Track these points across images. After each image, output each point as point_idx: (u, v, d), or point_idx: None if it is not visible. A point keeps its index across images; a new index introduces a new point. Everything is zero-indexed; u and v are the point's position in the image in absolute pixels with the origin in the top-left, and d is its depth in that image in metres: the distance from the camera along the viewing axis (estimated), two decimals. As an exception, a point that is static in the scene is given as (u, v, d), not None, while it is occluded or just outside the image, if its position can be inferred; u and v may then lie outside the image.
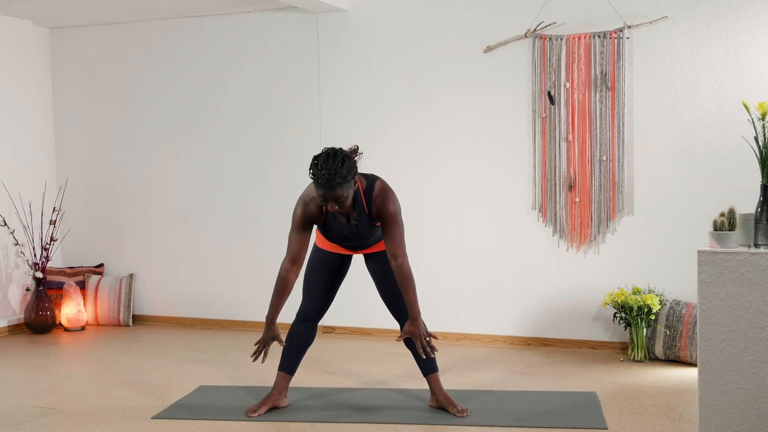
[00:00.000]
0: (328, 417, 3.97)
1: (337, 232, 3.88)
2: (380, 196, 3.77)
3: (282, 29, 5.94)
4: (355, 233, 3.85)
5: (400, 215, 3.80)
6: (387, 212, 3.75)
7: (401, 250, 3.77)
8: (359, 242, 3.94)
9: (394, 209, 3.77)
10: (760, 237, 3.13)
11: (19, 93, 6.37)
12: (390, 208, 3.75)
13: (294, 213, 3.84)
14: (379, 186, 3.81)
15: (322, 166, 3.58)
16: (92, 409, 4.17)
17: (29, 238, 6.31)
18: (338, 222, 3.84)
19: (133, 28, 6.38)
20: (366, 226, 3.83)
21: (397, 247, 3.76)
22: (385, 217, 3.76)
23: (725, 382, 3.11)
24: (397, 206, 3.79)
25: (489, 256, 5.49)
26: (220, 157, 6.18)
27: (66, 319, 6.21)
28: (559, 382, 4.53)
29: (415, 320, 3.79)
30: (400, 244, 3.77)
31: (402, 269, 3.76)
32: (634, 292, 4.94)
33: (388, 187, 3.84)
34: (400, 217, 3.80)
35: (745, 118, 4.36)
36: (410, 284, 3.77)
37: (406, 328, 3.82)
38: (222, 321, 6.23)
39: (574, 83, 5.16)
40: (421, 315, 3.83)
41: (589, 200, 5.19)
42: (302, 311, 4.10)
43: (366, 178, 3.84)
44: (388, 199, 3.77)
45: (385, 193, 3.79)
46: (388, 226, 3.76)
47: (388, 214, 3.75)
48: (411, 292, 3.78)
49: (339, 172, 3.55)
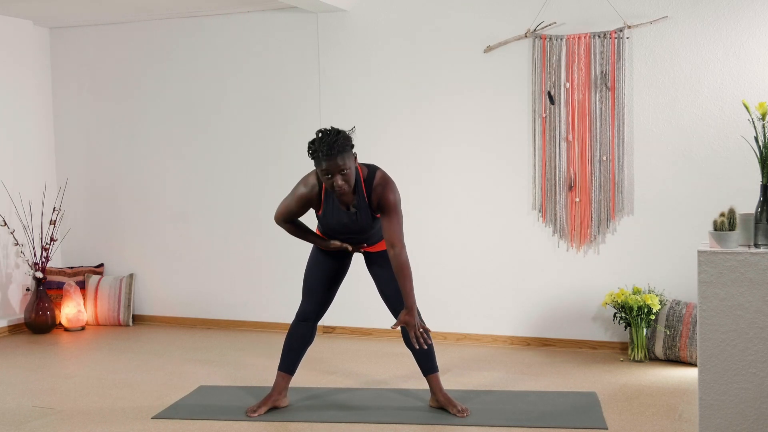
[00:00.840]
0: (328, 417, 3.97)
1: (337, 220, 3.88)
2: (380, 185, 3.80)
3: (282, 29, 5.94)
4: (354, 222, 3.86)
5: (400, 206, 3.82)
6: (387, 201, 3.77)
7: (399, 240, 3.77)
8: (358, 234, 3.94)
9: (394, 199, 3.79)
10: (760, 237, 3.13)
11: (19, 93, 6.37)
12: (390, 198, 3.77)
13: (295, 188, 3.91)
14: (380, 175, 3.83)
15: (319, 140, 3.65)
16: (92, 409, 4.17)
17: (29, 238, 6.31)
18: (337, 209, 3.85)
19: (133, 28, 6.38)
20: (366, 216, 3.84)
21: (395, 237, 3.76)
22: (384, 206, 3.78)
23: (725, 382, 3.11)
24: (396, 196, 3.81)
25: (489, 256, 5.49)
26: (220, 157, 6.19)
27: (66, 319, 6.21)
28: (559, 382, 4.53)
29: (410, 310, 3.79)
30: (398, 233, 3.77)
31: (399, 259, 3.76)
32: (634, 292, 4.94)
33: (389, 177, 3.86)
34: (399, 207, 3.81)
35: (745, 118, 4.36)
36: (407, 274, 3.77)
37: (401, 317, 3.81)
38: (222, 321, 6.23)
39: (574, 83, 5.16)
40: (416, 306, 3.83)
41: (589, 200, 5.19)
42: (302, 311, 4.10)
43: (367, 167, 3.87)
44: (388, 188, 3.79)
45: (385, 183, 3.81)
46: (387, 215, 3.77)
47: (387, 203, 3.77)
48: (408, 282, 3.77)
49: (336, 140, 3.63)
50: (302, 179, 3.92)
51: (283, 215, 3.98)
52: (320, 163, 3.66)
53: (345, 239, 3.98)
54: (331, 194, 3.84)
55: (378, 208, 3.83)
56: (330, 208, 3.86)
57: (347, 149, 3.66)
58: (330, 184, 3.69)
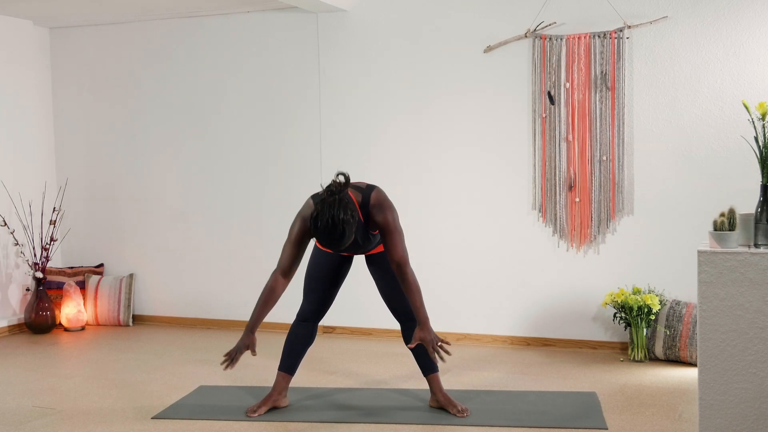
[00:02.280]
0: (328, 417, 3.97)
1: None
2: (376, 207, 3.74)
3: (282, 29, 5.94)
4: (353, 245, 3.81)
5: (398, 223, 3.77)
6: (386, 223, 3.73)
7: (404, 258, 3.75)
8: (358, 252, 3.94)
9: (393, 218, 3.74)
10: (760, 237, 3.13)
11: (19, 93, 6.37)
12: (389, 219, 3.73)
13: (291, 227, 3.79)
14: (374, 197, 3.76)
15: (325, 238, 3.55)
16: (92, 409, 4.17)
17: (29, 238, 6.31)
18: None
19: (133, 28, 6.38)
20: (364, 237, 3.81)
21: (399, 255, 3.74)
22: (384, 227, 3.73)
23: (725, 382, 3.11)
24: (395, 215, 3.76)
25: (489, 256, 5.49)
26: (220, 157, 6.19)
27: (66, 319, 6.21)
28: (559, 382, 4.53)
29: (424, 325, 3.77)
30: (401, 251, 3.74)
31: (407, 277, 3.75)
32: (634, 292, 4.94)
33: (383, 195, 3.80)
34: (398, 224, 3.76)
35: (745, 118, 4.36)
36: (416, 290, 3.75)
37: (417, 334, 3.78)
38: (222, 321, 6.23)
39: (574, 83, 5.16)
40: (429, 320, 3.81)
41: (589, 200, 5.19)
42: (302, 311, 4.10)
43: (360, 192, 3.78)
44: (385, 209, 3.73)
45: (380, 204, 3.74)
46: (388, 235, 3.73)
47: (387, 224, 3.73)
48: (417, 298, 3.76)
49: (342, 240, 3.54)
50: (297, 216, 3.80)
51: (286, 264, 3.80)
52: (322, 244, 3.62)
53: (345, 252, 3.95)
54: None
55: (377, 228, 3.79)
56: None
57: (351, 235, 3.56)
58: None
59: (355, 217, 3.57)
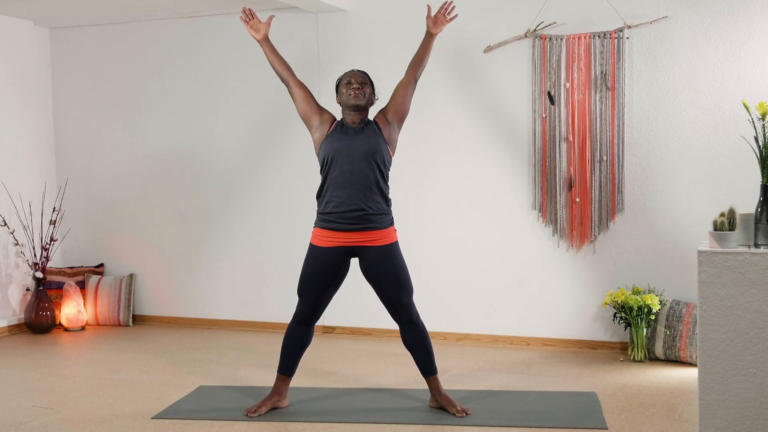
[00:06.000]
0: (328, 417, 3.97)
1: (343, 140, 3.98)
2: (379, 111, 4.14)
3: (282, 29, 5.94)
4: (361, 137, 3.97)
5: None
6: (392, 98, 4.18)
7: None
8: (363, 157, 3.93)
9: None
10: (760, 237, 3.14)
11: (19, 93, 6.37)
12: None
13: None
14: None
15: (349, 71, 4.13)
16: (92, 409, 4.17)
17: (29, 238, 6.31)
18: (346, 128, 4.03)
19: (133, 28, 6.38)
20: (374, 136, 3.99)
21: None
22: (392, 97, 4.17)
23: (725, 382, 3.11)
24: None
25: (489, 256, 5.49)
26: (220, 156, 6.18)
27: (66, 319, 6.21)
28: (559, 382, 4.53)
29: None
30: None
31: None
32: (634, 292, 4.95)
33: None
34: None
35: (745, 118, 4.37)
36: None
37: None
38: (222, 321, 6.23)
39: (574, 83, 5.16)
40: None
41: (588, 200, 5.19)
42: (298, 313, 4.06)
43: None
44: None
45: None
46: (398, 89, 4.18)
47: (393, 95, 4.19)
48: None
49: (365, 72, 4.16)
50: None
51: (294, 78, 4.24)
52: (345, 76, 4.06)
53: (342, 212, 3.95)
54: (340, 126, 4.05)
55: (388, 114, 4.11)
56: (338, 131, 4.02)
57: (370, 82, 4.11)
58: (348, 93, 3.99)
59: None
